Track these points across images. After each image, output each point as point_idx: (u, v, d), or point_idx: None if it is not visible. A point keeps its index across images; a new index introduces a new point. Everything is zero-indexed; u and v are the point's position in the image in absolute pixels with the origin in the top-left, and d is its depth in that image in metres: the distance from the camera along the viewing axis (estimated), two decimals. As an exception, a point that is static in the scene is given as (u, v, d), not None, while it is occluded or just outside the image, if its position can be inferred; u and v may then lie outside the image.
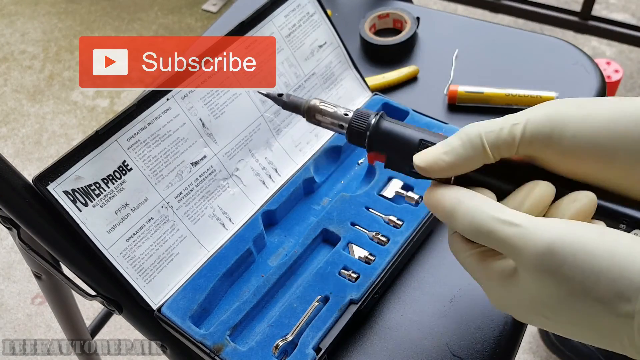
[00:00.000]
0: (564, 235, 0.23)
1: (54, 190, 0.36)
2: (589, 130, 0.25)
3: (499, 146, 0.26)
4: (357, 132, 0.31)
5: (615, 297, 0.22)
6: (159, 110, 0.41)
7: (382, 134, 0.31)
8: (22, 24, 1.71)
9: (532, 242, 0.24)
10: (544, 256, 0.23)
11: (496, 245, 0.26)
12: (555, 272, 0.23)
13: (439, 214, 0.28)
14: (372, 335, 0.40)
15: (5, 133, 1.43)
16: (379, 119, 0.31)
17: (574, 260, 0.23)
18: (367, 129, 0.31)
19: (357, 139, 0.32)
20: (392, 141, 0.30)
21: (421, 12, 0.64)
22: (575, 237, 0.23)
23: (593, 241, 0.23)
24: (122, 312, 0.42)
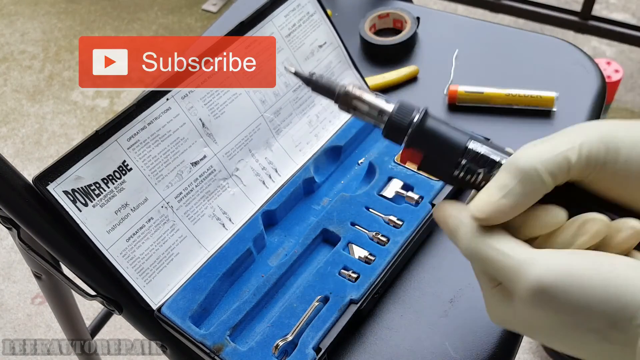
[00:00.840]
0: (556, 269, 0.23)
1: (54, 190, 0.36)
2: None
3: (555, 175, 0.25)
4: (398, 126, 0.28)
5: (608, 328, 0.22)
6: (159, 110, 0.41)
7: (426, 132, 0.28)
8: (22, 24, 1.71)
9: (523, 276, 0.24)
10: (535, 291, 0.23)
11: (491, 272, 0.26)
12: (547, 306, 0.23)
13: (444, 231, 0.28)
14: (372, 335, 0.40)
15: (5, 133, 1.43)
16: (425, 114, 0.28)
17: (565, 295, 0.23)
18: (410, 124, 0.28)
19: (395, 134, 0.28)
20: (435, 141, 0.28)
21: (421, 12, 0.64)
22: (568, 272, 0.23)
23: (586, 273, 0.23)
24: (122, 312, 0.42)
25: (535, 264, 0.24)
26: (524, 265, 0.24)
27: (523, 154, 0.25)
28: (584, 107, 0.53)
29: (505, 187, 0.25)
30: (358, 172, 0.49)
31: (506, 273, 0.24)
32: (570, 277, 0.23)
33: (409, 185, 0.46)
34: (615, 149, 0.25)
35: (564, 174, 0.25)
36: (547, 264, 0.24)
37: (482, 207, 0.25)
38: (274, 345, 0.38)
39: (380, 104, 0.29)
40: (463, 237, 0.26)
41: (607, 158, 0.25)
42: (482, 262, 0.26)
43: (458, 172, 0.27)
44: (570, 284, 0.23)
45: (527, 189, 0.25)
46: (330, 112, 0.51)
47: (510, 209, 0.25)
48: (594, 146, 0.25)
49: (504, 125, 0.53)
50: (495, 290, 0.27)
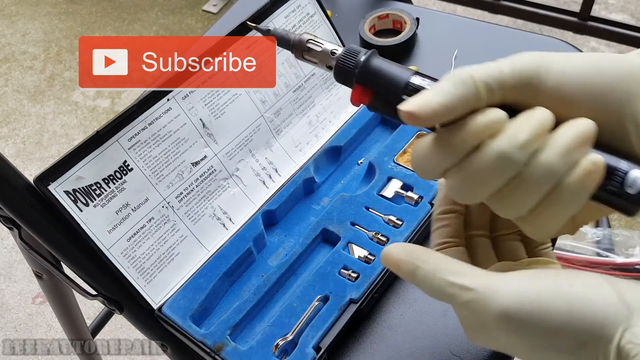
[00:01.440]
0: (517, 297, 0.23)
1: (55, 190, 0.36)
2: (574, 69, 0.24)
3: (488, 83, 0.24)
4: (346, 67, 0.29)
5: (577, 348, 0.22)
6: (160, 111, 0.41)
7: (372, 70, 0.29)
8: (23, 24, 1.71)
9: (487, 307, 0.24)
10: (501, 320, 0.24)
11: (456, 309, 0.26)
12: (515, 332, 0.24)
13: (400, 275, 0.28)
14: (371, 334, 0.40)
15: (6, 133, 1.43)
16: (371, 54, 0.29)
17: (531, 321, 0.23)
18: (356, 65, 0.29)
19: (344, 74, 0.30)
20: (380, 79, 0.29)
21: (421, 12, 0.64)
22: (529, 297, 0.23)
23: (547, 297, 0.23)
24: (122, 312, 0.42)
25: (496, 294, 0.24)
26: (485, 297, 0.24)
27: (459, 69, 0.25)
28: (583, 107, 0.53)
29: (438, 87, 0.25)
30: (358, 172, 0.49)
31: (471, 308, 0.25)
32: (532, 303, 0.23)
33: (409, 185, 0.46)
34: (547, 63, 0.24)
35: (497, 85, 0.25)
36: (508, 293, 0.24)
37: (412, 102, 0.25)
38: (274, 345, 0.38)
39: (330, 47, 0.30)
40: (422, 281, 0.26)
41: (540, 71, 0.24)
42: (447, 300, 0.26)
43: None
44: (533, 310, 0.23)
45: (459, 91, 0.24)
46: (330, 113, 0.52)
47: (440, 105, 0.24)
48: (526, 61, 0.25)
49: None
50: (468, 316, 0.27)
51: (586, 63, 0.24)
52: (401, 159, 0.48)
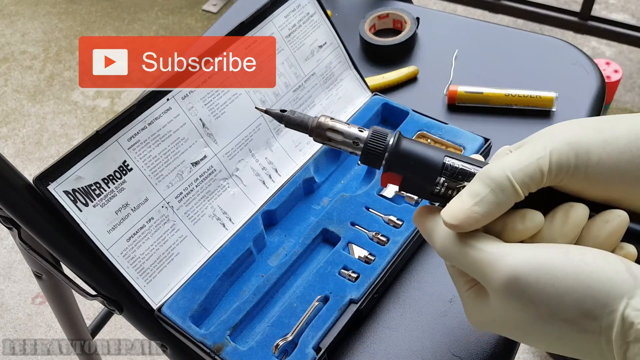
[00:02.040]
0: (528, 260, 0.24)
1: (55, 190, 0.36)
2: (611, 156, 0.25)
3: (528, 184, 0.25)
4: (374, 152, 0.28)
5: (581, 317, 0.23)
6: (160, 111, 0.41)
7: (402, 155, 0.28)
8: (23, 24, 1.71)
9: (496, 268, 0.24)
10: (508, 282, 0.24)
11: (465, 269, 0.26)
12: (521, 297, 0.24)
13: (421, 233, 0.29)
14: (372, 335, 0.40)
15: (5, 133, 1.43)
16: (399, 138, 0.28)
17: (537, 285, 0.23)
18: (385, 149, 0.28)
19: (373, 160, 0.29)
20: (412, 162, 0.28)
21: (421, 12, 0.64)
22: (539, 262, 0.24)
23: (557, 264, 0.23)
24: (122, 312, 0.42)
25: (508, 257, 0.24)
26: (497, 259, 0.25)
27: (496, 164, 0.26)
28: (583, 107, 0.53)
29: (477, 195, 0.26)
30: (358, 172, 0.49)
31: (479, 267, 0.25)
32: (542, 267, 0.24)
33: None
34: (585, 152, 0.25)
35: (536, 183, 0.26)
36: (519, 256, 0.24)
37: (454, 214, 0.26)
38: (274, 345, 0.38)
39: (355, 132, 0.29)
40: (438, 236, 0.27)
41: (578, 162, 0.25)
42: (456, 259, 0.26)
43: (438, 189, 0.28)
44: (542, 274, 0.23)
45: (500, 199, 0.25)
46: (330, 112, 0.52)
47: (482, 216, 0.25)
48: (564, 153, 0.25)
49: (504, 125, 0.53)
50: (471, 291, 0.28)
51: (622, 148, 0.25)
52: (401, 159, 0.48)
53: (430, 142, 0.49)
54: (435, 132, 0.49)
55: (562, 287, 0.23)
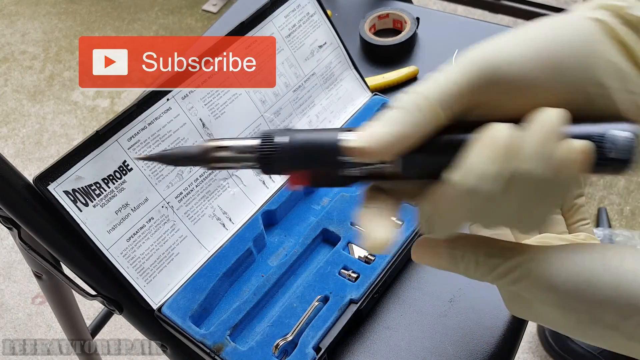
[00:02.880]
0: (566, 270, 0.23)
1: (55, 190, 0.36)
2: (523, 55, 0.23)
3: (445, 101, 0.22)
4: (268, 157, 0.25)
5: (622, 321, 0.22)
6: (160, 111, 0.41)
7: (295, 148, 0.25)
8: (23, 24, 1.71)
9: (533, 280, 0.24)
10: (547, 293, 0.23)
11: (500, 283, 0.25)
12: (560, 306, 0.23)
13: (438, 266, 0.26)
14: (372, 335, 0.40)
15: (5, 133, 1.43)
16: (288, 133, 0.25)
17: (577, 295, 0.23)
18: (278, 149, 0.25)
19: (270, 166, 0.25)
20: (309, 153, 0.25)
21: (421, 12, 0.64)
22: (577, 271, 0.23)
23: (595, 272, 0.23)
24: (122, 312, 0.42)
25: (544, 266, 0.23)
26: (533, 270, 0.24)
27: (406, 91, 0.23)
28: (583, 107, 0.53)
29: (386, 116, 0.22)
30: (358, 172, 0.49)
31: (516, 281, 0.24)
32: (580, 275, 0.23)
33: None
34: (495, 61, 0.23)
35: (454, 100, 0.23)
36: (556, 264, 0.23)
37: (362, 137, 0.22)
38: (274, 345, 0.38)
39: (244, 142, 0.25)
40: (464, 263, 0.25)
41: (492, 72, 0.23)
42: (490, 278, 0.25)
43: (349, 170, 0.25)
44: (581, 283, 0.23)
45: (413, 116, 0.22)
46: (330, 112, 0.52)
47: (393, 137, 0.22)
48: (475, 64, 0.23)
49: (504, 125, 0.53)
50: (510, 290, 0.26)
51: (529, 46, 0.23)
52: (401, 159, 0.48)
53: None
54: (435, 132, 0.49)
55: (603, 296, 0.22)
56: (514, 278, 0.24)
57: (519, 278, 0.24)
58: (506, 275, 0.24)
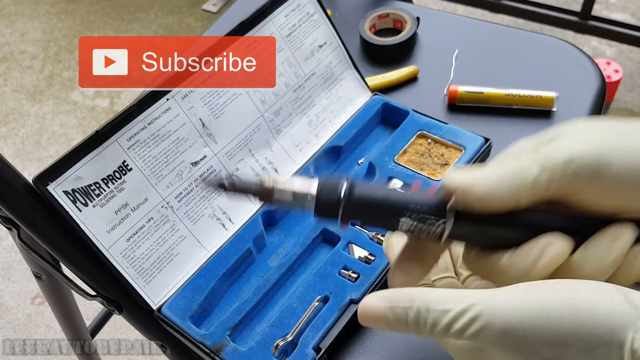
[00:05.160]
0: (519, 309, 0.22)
1: (54, 190, 0.36)
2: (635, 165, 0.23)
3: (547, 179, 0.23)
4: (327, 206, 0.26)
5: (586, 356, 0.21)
6: (159, 110, 0.41)
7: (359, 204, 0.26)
8: (22, 24, 1.71)
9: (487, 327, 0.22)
10: (504, 337, 0.22)
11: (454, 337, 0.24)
12: (521, 348, 0.22)
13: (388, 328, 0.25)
14: (372, 335, 0.40)
15: (5, 133, 1.43)
16: (351, 186, 0.26)
17: (535, 334, 0.21)
18: (339, 200, 0.26)
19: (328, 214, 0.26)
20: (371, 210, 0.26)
21: (421, 12, 0.64)
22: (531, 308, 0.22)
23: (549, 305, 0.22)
24: (122, 312, 0.42)
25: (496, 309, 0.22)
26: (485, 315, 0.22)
27: None
28: (583, 107, 0.53)
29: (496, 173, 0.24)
30: (358, 172, 0.49)
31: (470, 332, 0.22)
32: (534, 312, 0.22)
33: (409, 185, 0.46)
34: (608, 158, 0.23)
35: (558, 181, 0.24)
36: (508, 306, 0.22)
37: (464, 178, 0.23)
38: (274, 345, 0.38)
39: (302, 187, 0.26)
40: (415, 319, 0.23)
41: (600, 168, 0.23)
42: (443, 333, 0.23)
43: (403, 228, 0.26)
44: (536, 320, 0.22)
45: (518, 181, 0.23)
46: (330, 112, 0.51)
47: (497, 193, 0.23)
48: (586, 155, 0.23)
49: (504, 125, 0.53)
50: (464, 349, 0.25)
51: None
52: (401, 159, 0.48)
53: (431, 142, 0.49)
54: (436, 132, 0.49)
55: (561, 330, 0.21)
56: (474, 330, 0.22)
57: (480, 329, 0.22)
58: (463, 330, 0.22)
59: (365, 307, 0.25)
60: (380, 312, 0.24)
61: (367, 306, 0.25)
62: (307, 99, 0.50)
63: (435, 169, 0.47)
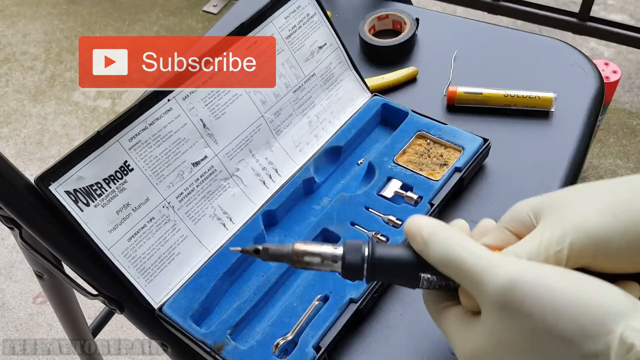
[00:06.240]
0: (527, 271, 0.24)
1: (56, 190, 0.37)
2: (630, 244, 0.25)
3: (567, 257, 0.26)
4: (353, 267, 0.29)
5: (579, 335, 0.22)
6: (160, 111, 0.42)
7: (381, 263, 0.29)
8: (24, 25, 1.71)
9: (495, 274, 0.24)
10: (505, 290, 0.23)
11: (462, 276, 0.26)
12: (517, 307, 0.23)
13: (417, 240, 0.28)
14: (371, 334, 0.40)
15: (7, 133, 1.43)
16: (373, 246, 0.30)
17: (535, 295, 0.23)
18: (363, 261, 0.29)
19: (354, 274, 0.30)
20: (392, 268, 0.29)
21: (420, 13, 0.64)
22: (537, 274, 0.23)
23: (555, 278, 0.23)
24: (123, 312, 0.42)
25: (506, 265, 0.24)
26: (496, 265, 0.24)
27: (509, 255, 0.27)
28: (582, 107, 0.53)
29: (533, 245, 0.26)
30: (358, 172, 0.49)
31: (478, 273, 0.25)
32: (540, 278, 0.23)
33: (408, 185, 0.46)
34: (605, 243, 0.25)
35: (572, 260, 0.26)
36: (518, 266, 0.24)
37: None
38: (275, 344, 0.38)
39: (330, 251, 0.30)
40: (437, 242, 0.27)
41: (597, 254, 0.25)
42: (454, 265, 0.26)
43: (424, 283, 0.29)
44: (540, 285, 0.23)
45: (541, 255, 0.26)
46: (330, 113, 0.52)
47: None
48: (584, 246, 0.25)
49: (503, 126, 0.53)
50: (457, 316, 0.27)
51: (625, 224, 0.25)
52: (401, 159, 0.48)
53: (430, 143, 0.50)
54: (435, 133, 0.49)
55: (559, 301, 0.22)
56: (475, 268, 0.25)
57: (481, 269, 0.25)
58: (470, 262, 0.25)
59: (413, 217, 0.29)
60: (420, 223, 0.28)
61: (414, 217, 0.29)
62: (307, 99, 0.50)
63: (434, 169, 0.47)
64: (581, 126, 0.52)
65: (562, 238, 0.26)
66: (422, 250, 0.28)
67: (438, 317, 0.29)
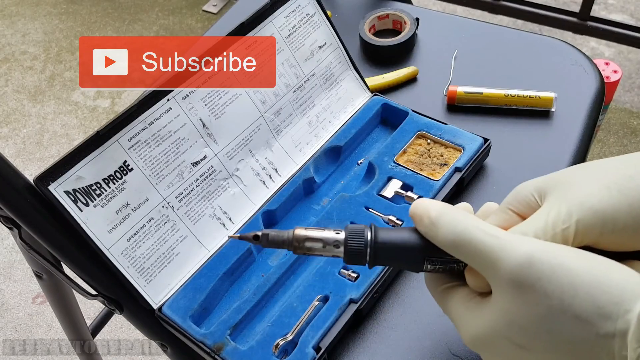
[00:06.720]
0: (543, 249, 0.23)
1: (55, 190, 0.36)
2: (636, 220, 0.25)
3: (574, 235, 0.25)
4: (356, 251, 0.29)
5: (595, 314, 0.21)
6: (160, 111, 0.42)
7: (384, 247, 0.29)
8: (23, 24, 1.71)
9: (511, 253, 0.23)
10: (521, 268, 0.23)
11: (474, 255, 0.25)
12: (533, 286, 0.23)
13: (424, 222, 0.27)
14: (371, 334, 0.40)
15: (6, 133, 1.43)
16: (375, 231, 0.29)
17: (552, 273, 0.22)
18: (366, 245, 0.29)
19: (357, 258, 0.29)
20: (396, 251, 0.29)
21: (420, 13, 0.64)
22: (554, 252, 0.23)
23: (571, 257, 0.23)
24: (122, 312, 0.42)
25: (522, 244, 0.24)
26: (511, 244, 0.24)
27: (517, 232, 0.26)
28: (582, 107, 0.53)
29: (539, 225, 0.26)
30: (358, 172, 0.49)
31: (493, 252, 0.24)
32: (557, 257, 0.23)
33: (408, 185, 0.46)
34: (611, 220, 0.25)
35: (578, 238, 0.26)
36: (535, 245, 0.23)
37: None
38: (274, 345, 0.38)
39: (332, 236, 0.29)
40: (447, 222, 0.26)
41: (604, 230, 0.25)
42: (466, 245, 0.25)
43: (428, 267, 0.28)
44: (556, 263, 0.22)
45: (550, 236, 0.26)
46: (330, 113, 0.52)
47: None
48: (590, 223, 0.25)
49: (503, 125, 0.53)
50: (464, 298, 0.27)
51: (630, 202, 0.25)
52: (401, 159, 0.48)
53: (430, 142, 0.49)
54: (435, 133, 0.49)
55: (576, 280, 0.22)
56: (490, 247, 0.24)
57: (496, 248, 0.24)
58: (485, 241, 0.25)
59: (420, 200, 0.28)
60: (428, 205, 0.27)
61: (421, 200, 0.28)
62: (307, 99, 0.50)
63: (434, 169, 0.47)
64: (582, 126, 0.51)
65: (568, 215, 0.25)
66: (429, 231, 0.27)
67: (442, 298, 0.29)
